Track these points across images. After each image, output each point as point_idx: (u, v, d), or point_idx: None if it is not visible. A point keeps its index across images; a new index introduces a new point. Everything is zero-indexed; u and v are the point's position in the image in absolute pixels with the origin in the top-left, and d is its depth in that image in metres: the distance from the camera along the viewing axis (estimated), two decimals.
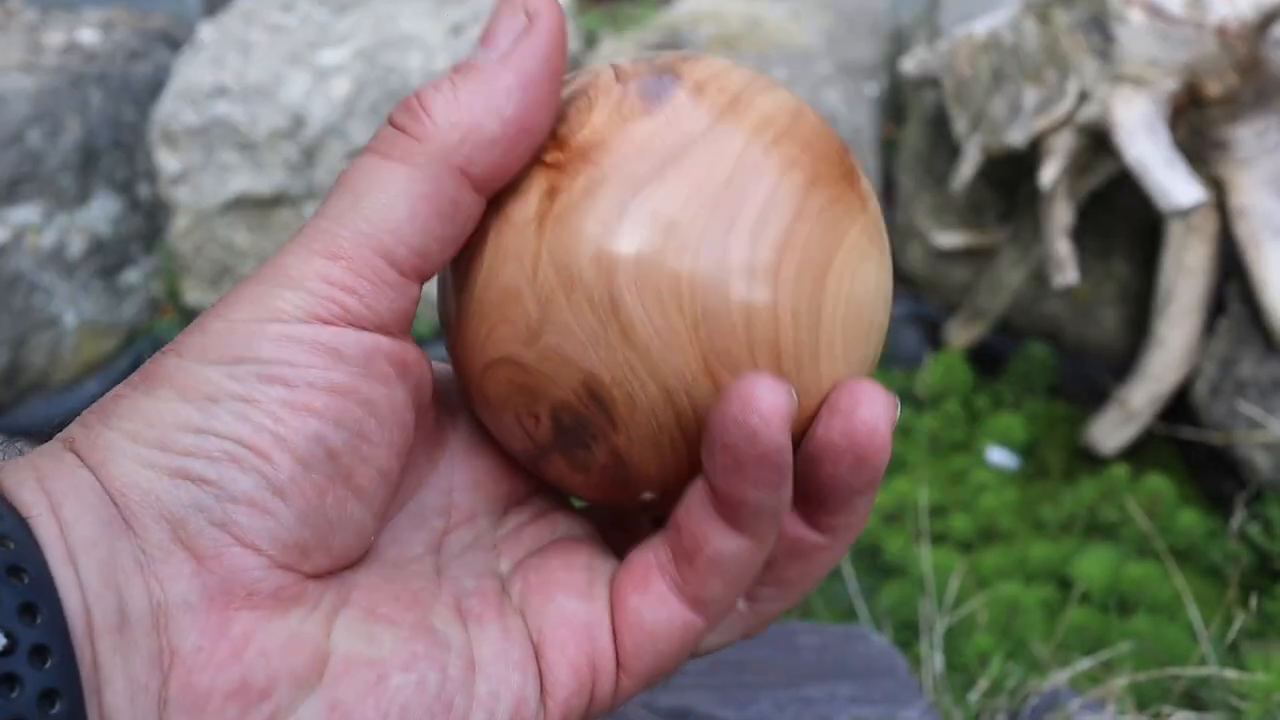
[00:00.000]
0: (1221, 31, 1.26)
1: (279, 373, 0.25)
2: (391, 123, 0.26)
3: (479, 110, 0.26)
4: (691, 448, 0.27)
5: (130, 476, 0.24)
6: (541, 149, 0.27)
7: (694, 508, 0.27)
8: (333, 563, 0.26)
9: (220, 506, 0.24)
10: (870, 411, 0.26)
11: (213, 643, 0.24)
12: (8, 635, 0.22)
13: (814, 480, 0.27)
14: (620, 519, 0.33)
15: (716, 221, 0.25)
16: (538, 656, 0.29)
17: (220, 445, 0.24)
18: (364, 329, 0.26)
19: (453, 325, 0.29)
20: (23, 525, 0.23)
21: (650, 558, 0.29)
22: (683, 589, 0.28)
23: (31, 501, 0.23)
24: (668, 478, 0.28)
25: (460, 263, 0.28)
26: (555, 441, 0.28)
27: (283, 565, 0.25)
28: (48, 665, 0.22)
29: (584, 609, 0.29)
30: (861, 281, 0.27)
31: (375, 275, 0.26)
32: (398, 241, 0.26)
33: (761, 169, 0.26)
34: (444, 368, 0.32)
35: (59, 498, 0.24)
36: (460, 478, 0.31)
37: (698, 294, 0.25)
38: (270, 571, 0.25)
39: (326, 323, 0.25)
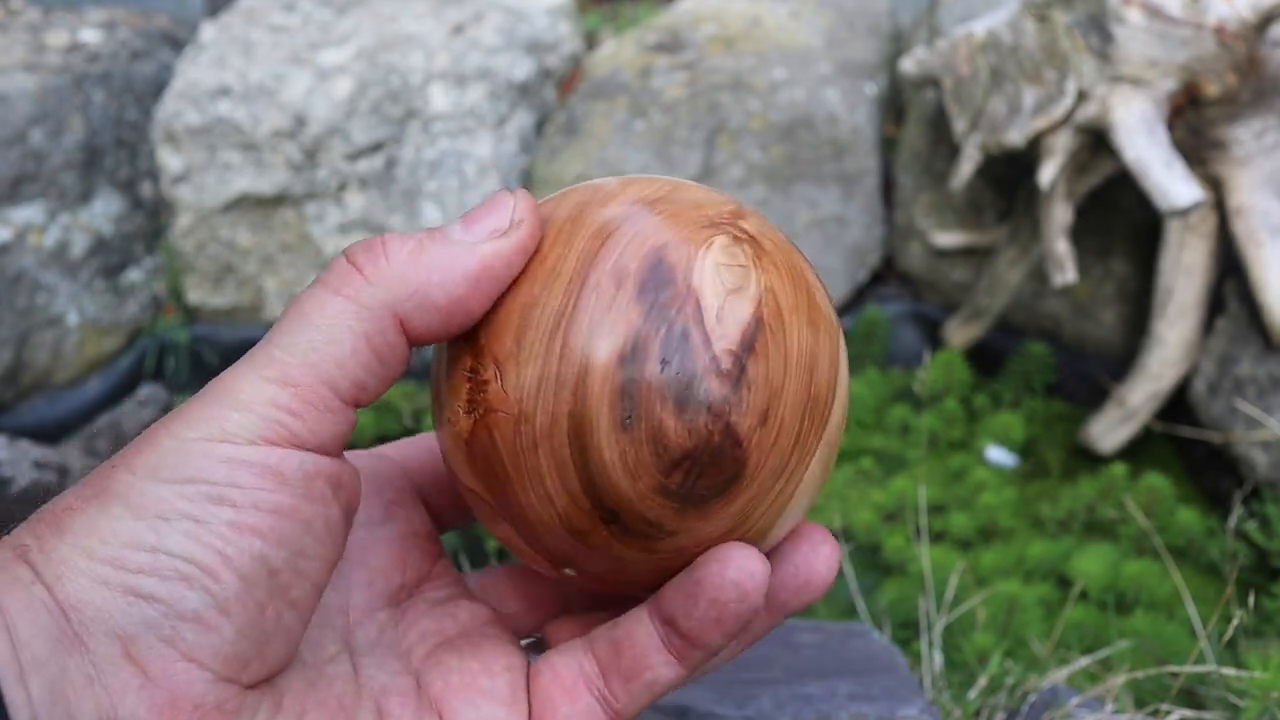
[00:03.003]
0: (1220, 31, 1.26)
1: (227, 494, 0.26)
2: (348, 258, 0.29)
3: (435, 277, 0.28)
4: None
5: (85, 594, 0.25)
6: None
7: (639, 638, 0.30)
8: (268, 671, 0.28)
9: (169, 623, 0.25)
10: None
11: None
12: None
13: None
14: (526, 594, 0.36)
15: None
16: None
17: (171, 564, 0.25)
18: (307, 450, 0.28)
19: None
20: None
21: (577, 668, 0.31)
22: (610, 703, 0.30)
23: None
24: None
25: None
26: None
27: (224, 678, 0.26)
28: None
29: (505, 715, 0.31)
30: None
31: (320, 402, 0.28)
32: (342, 374, 0.28)
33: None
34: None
35: (13, 616, 0.25)
36: (356, 576, 0.33)
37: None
38: (213, 685, 0.26)
39: (273, 444, 0.27)
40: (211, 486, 0.26)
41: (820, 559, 0.31)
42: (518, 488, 0.29)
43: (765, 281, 0.29)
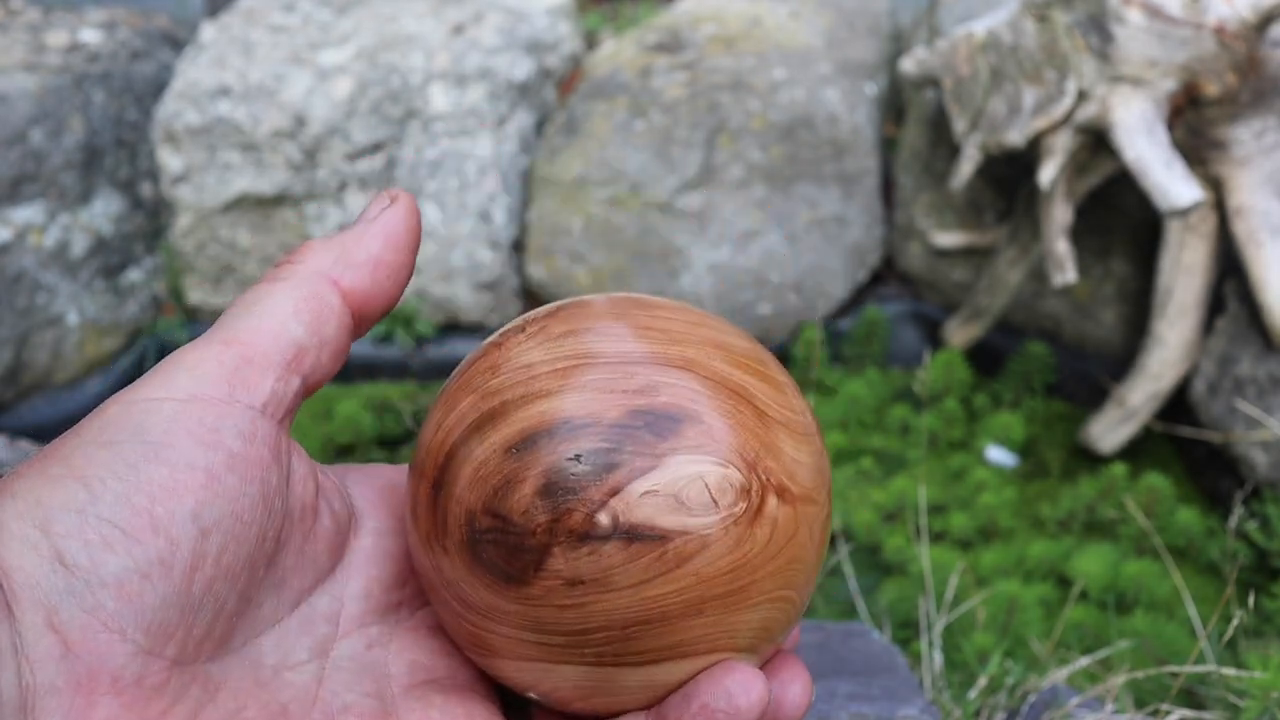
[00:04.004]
0: (1220, 31, 1.26)
1: (163, 454, 0.26)
2: (277, 263, 0.32)
3: (349, 245, 0.32)
4: None
5: (17, 559, 0.25)
6: None
7: None
8: (196, 646, 0.27)
9: (90, 591, 0.25)
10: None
11: None
12: None
13: None
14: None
15: None
16: None
17: (97, 528, 0.25)
18: (249, 409, 0.28)
19: None
20: None
21: None
22: None
23: None
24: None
25: None
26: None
27: (147, 650, 0.26)
28: None
29: None
30: None
31: (263, 360, 0.29)
32: (282, 332, 0.30)
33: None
34: (340, 474, 0.35)
35: None
36: (354, 586, 0.33)
37: None
38: (135, 658, 0.26)
39: (214, 402, 0.28)
40: (148, 446, 0.26)
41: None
42: None
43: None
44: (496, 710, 0.32)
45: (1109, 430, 1.45)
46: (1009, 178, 1.59)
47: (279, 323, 0.30)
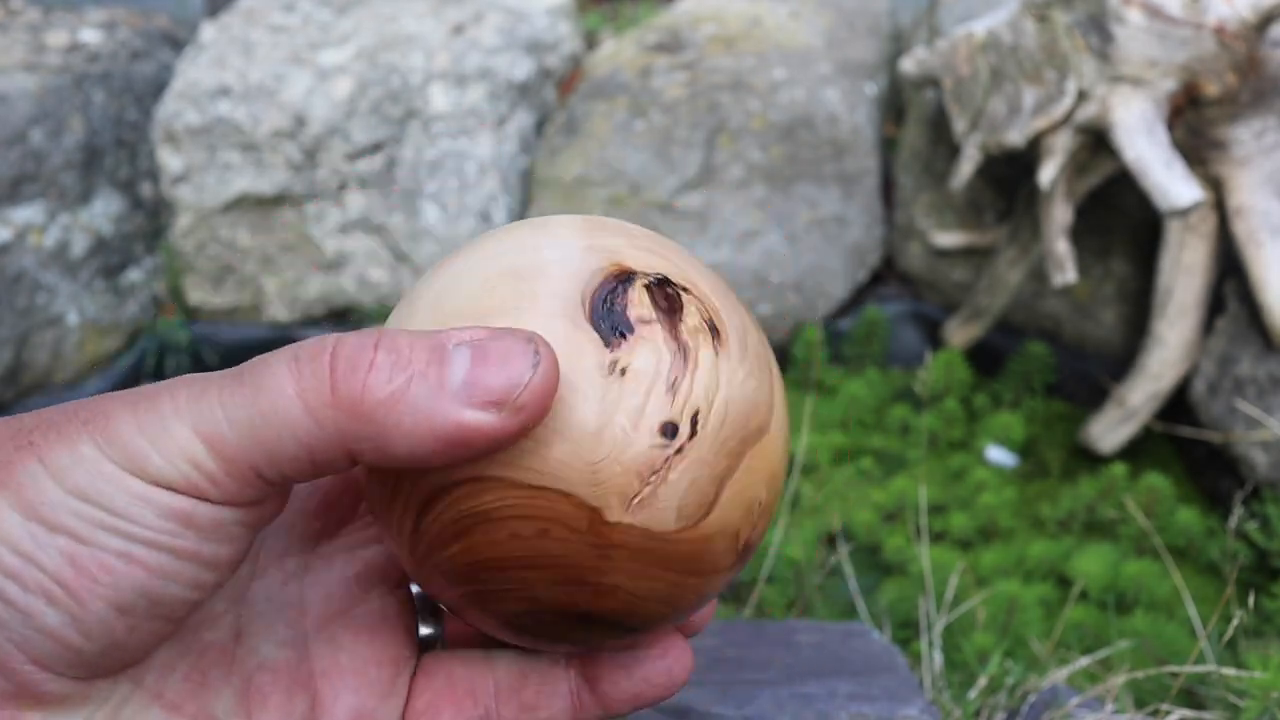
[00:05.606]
0: (1220, 31, 1.26)
1: (123, 527, 0.25)
2: (331, 362, 0.26)
3: (405, 423, 0.25)
4: None
5: None
6: None
7: (552, 677, 0.31)
8: (126, 667, 0.27)
9: (23, 631, 0.25)
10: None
11: None
12: None
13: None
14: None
15: None
16: None
17: (38, 579, 0.25)
18: (223, 506, 0.26)
19: None
20: None
21: (470, 680, 0.31)
22: None
23: None
24: None
25: None
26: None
27: (75, 678, 0.26)
28: None
29: (378, 709, 0.31)
30: None
31: (244, 480, 0.26)
32: (273, 466, 0.26)
33: None
34: None
35: None
36: (277, 520, 0.32)
37: None
38: (63, 683, 0.26)
39: (188, 496, 0.26)
40: (108, 514, 0.25)
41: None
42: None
43: None
44: (407, 641, 0.32)
45: (1109, 430, 1.45)
46: (1009, 178, 1.59)
47: (272, 456, 0.26)
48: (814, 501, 1.37)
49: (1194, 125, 1.36)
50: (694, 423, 0.27)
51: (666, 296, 0.28)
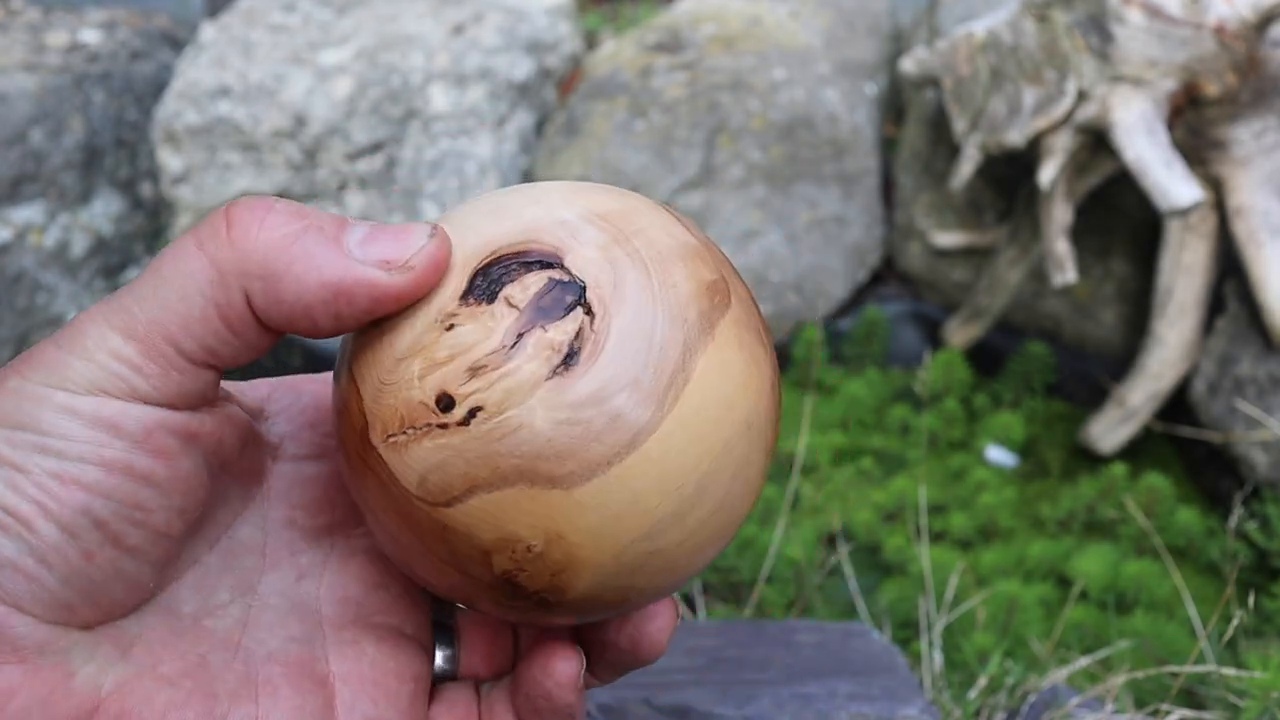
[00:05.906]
0: (1220, 31, 1.26)
1: (54, 445, 0.25)
2: (225, 212, 0.27)
3: (295, 269, 0.26)
4: None
5: None
6: None
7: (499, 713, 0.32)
8: (103, 615, 0.27)
9: None
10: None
11: None
12: None
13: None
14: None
15: None
16: None
17: None
18: (149, 404, 0.26)
19: None
20: None
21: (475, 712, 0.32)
22: None
23: None
24: None
25: None
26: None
27: (49, 621, 0.26)
28: None
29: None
30: None
31: (164, 361, 0.26)
32: (188, 335, 0.26)
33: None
34: (263, 394, 0.33)
35: None
36: (275, 513, 0.32)
37: None
38: (36, 627, 0.26)
39: (111, 396, 0.26)
40: (40, 436, 0.25)
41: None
42: None
43: None
44: (426, 657, 0.32)
45: (1109, 430, 1.45)
46: (1009, 178, 1.59)
47: (184, 323, 0.26)
48: (814, 501, 1.37)
49: (1194, 125, 1.36)
50: (471, 415, 0.26)
51: (558, 302, 0.27)
